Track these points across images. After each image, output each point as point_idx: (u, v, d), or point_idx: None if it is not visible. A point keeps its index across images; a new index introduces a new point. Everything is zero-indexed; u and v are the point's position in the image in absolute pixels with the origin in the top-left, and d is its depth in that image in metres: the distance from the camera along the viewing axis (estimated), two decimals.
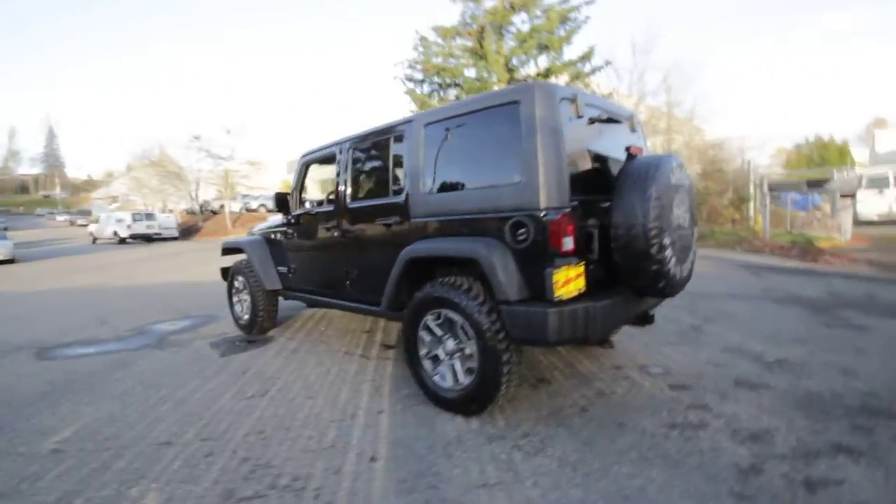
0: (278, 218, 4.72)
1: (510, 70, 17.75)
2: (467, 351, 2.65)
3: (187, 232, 25.73)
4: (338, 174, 3.60)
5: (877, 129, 37.81)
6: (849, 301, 5.16)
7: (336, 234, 3.59)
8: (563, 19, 16.63)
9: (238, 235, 23.34)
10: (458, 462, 2.25)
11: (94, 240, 23.82)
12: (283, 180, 40.09)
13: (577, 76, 16.74)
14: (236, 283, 4.89)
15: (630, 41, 25.13)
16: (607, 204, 2.52)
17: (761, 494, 1.93)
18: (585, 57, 16.87)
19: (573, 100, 2.49)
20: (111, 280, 9.91)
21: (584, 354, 3.66)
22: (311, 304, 4.29)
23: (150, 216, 23.75)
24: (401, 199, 3.02)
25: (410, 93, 18.72)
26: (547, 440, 2.41)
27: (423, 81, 18.90)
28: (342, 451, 2.39)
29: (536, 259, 2.33)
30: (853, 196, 9.90)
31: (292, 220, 4.15)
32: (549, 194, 2.31)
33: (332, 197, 3.98)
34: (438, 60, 17.84)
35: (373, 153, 3.36)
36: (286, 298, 4.57)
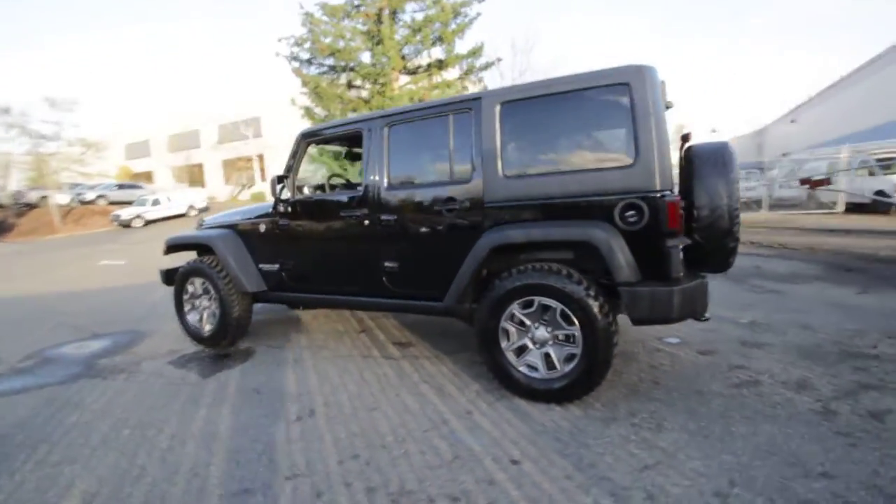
0: (253, 206, 4.01)
1: (402, 58, 17.58)
2: (560, 337, 2.60)
3: None
4: (367, 155, 3.17)
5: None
6: (747, 272, 6.32)
7: (367, 223, 3.16)
8: (456, 13, 16.97)
9: (90, 230, 18.81)
10: (600, 450, 2.20)
11: None
12: (122, 166, 33.78)
13: (470, 70, 17.31)
14: (191, 288, 4.02)
15: (511, 42, 26.70)
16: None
17: (854, 430, 2.28)
18: (475, 52, 17.48)
19: (663, 85, 2.58)
20: None
21: None
22: (309, 306, 3.74)
23: None
24: (471, 183, 2.80)
25: (297, 72, 17.36)
26: (656, 415, 2.50)
27: (309, 61, 17.66)
28: (474, 459, 2.16)
29: (652, 240, 2.39)
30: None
31: (288, 209, 3.53)
32: (661, 177, 2.38)
33: (342, 181, 3.51)
34: (328, 41, 16.78)
35: (422, 133, 3.03)
36: (268, 301, 3.90)
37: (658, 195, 2.37)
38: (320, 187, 3.79)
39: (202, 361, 3.69)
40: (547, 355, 2.64)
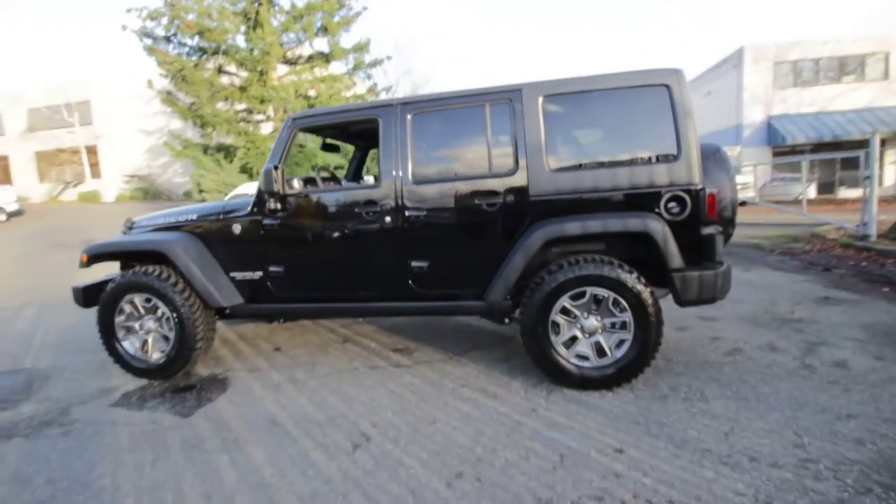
0: (214, 203, 3.33)
1: (281, 46, 16.31)
2: (608, 325, 2.70)
3: None
4: (385, 146, 2.86)
5: None
6: None
7: (388, 220, 2.86)
8: (340, 4, 16.30)
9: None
10: (679, 426, 2.34)
11: None
12: None
13: (358, 65, 16.81)
14: (127, 307, 3.18)
15: (395, 42, 26.45)
16: None
17: (837, 378, 2.79)
18: (361, 47, 17.06)
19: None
20: None
21: None
22: (296, 317, 3.22)
23: None
24: (515, 176, 2.71)
25: (153, 50, 14.93)
26: (695, 387, 2.75)
27: (167, 39, 15.31)
28: (581, 456, 2.13)
29: (695, 228, 2.62)
30: None
31: (278, 206, 3.00)
32: (699, 171, 2.62)
33: (328, 174, 3.11)
34: (193, 17, 14.71)
35: (453, 123, 2.82)
36: (242, 316, 3.28)
37: (699, 187, 2.61)
38: (311, 180, 3.30)
39: (163, 398, 2.94)
40: (597, 343, 2.72)
